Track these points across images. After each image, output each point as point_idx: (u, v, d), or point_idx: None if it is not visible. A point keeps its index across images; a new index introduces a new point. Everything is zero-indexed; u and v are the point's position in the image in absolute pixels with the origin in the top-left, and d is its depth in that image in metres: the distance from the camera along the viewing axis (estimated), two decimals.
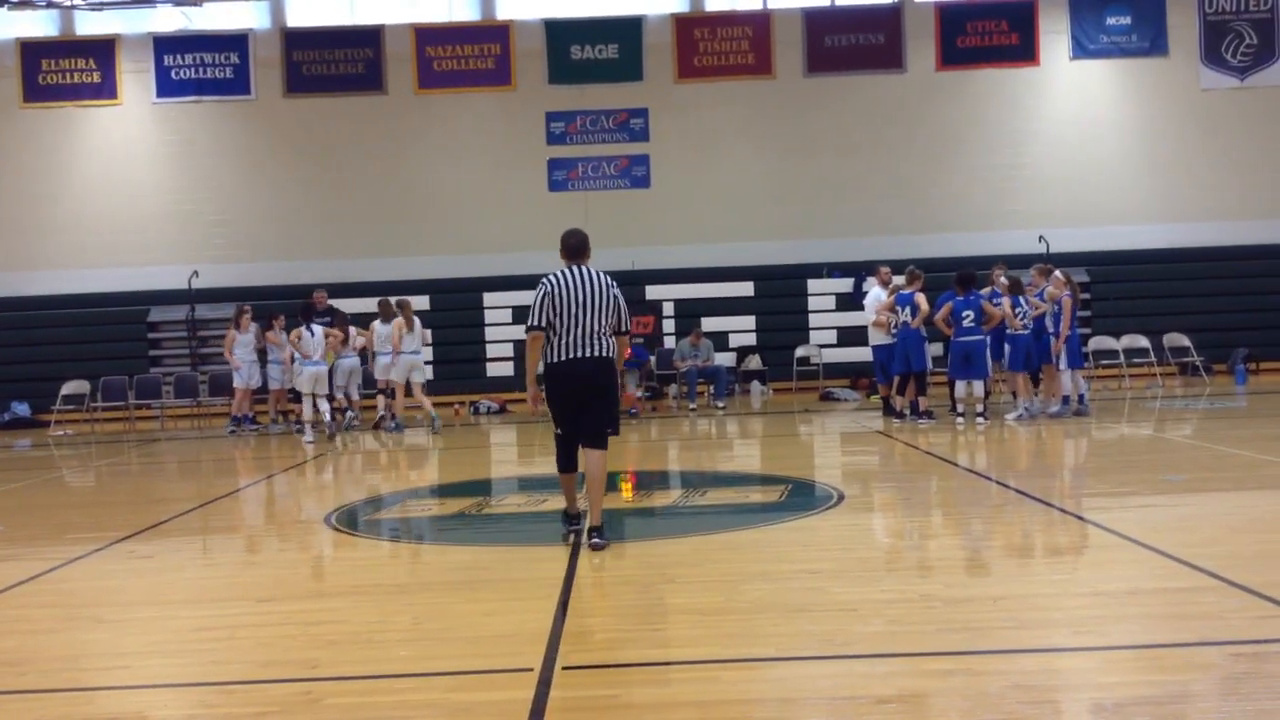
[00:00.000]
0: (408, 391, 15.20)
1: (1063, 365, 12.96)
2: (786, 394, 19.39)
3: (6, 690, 4.19)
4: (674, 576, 5.69)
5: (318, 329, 14.39)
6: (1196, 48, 21.00)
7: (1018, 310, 12.89)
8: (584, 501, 6.76)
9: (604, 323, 6.64)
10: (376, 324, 15.15)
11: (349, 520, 7.93)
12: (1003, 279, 13.44)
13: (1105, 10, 20.97)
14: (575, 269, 6.72)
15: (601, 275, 6.73)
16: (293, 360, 14.77)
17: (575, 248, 6.82)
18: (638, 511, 8.13)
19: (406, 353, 14.97)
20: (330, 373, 14.93)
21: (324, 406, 14.39)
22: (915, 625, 4.53)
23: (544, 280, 6.68)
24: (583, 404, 6.65)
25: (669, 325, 20.19)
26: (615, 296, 6.71)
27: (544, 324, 6.61)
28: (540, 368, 6.78)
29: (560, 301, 6.58)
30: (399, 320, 15.00)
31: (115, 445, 15.42)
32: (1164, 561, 5.48)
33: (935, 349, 13.95)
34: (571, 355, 6.59)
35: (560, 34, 20.97)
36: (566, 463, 6.89)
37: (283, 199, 21.05)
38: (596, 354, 6.62)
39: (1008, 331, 12.98)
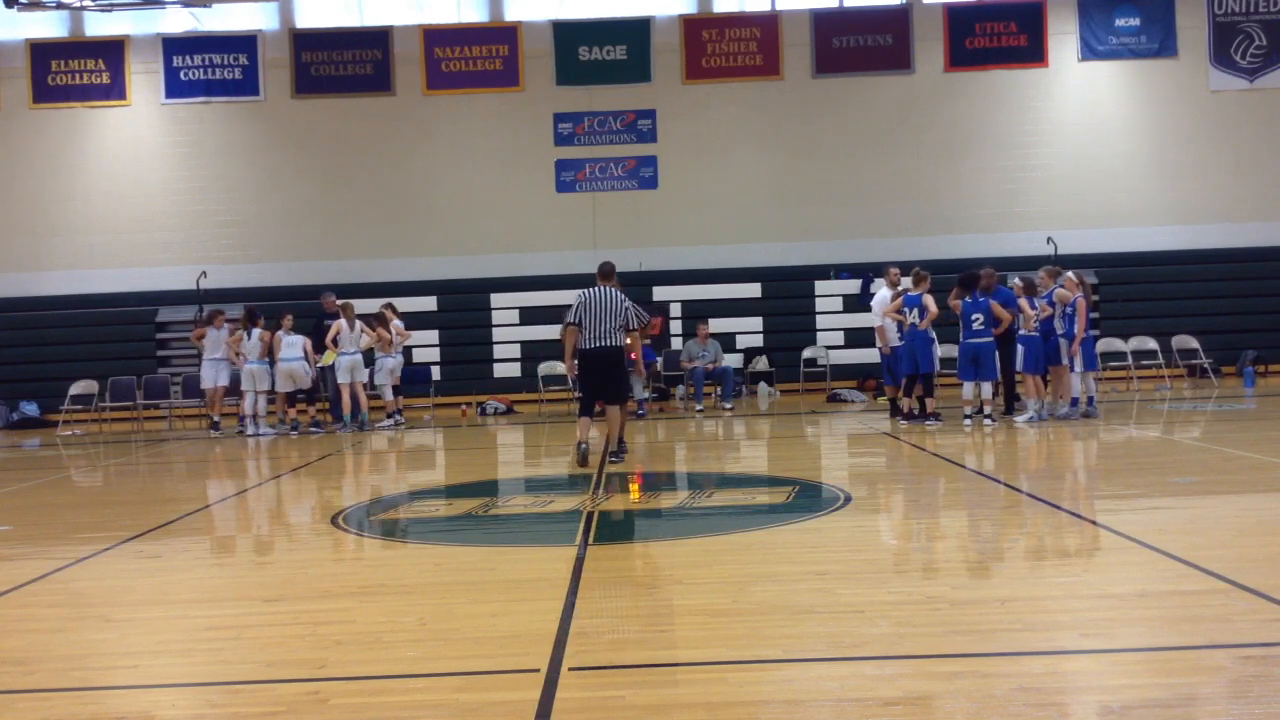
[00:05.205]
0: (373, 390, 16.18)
1: (1078, 367, 12.93)
2: (793, 395, 19.38)
3: (14, 689, 4.20)
4: (681, 578, 5.69)
5: (255, 332, 15.43)
6: (1206, 49, 20.96)
7: (1033, 311, 12.87)
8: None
9: (615, 324, 10.11)
10: (342, 324, 15.65)
11: (356, 520, 7.95)
12: (1017, 280, 13.41)
13: (1114, 11, 20.93)
14: (600, 288, 10.20)
15: (615, 292, 10.22)
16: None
17: (605, 273, 10.37)
18: (645, 512, 8.13)
19: (347, 353, 15.46)
20: (330, 370, 15.83)
21: (262, 404, 15.51)
22: (922, 627, 4.52)
23: (580, 294, 10.27)
24: (599, 376, 10.21)
25: (676, 326, 20.18)
26: (627, 309, 10.17)
27: (577, 321, 10.14)
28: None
29: (587, 309, 10.12)
30: (339, 322, 15.60)
31: (123, 445, 15.46)
32: (1172, 564, 5.46)
33: (944, 350, 13.93)
34: (593, 345, 10.12)
35: (568, 35, 20.99)
36: (585, 411, 10.43)
37: (291, 200, 21.10)
38: (609, 344, 10.13)
39: (1020, 333, 12.95)
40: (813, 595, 5.10)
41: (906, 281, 13.62)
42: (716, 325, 18.77)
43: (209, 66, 21.01)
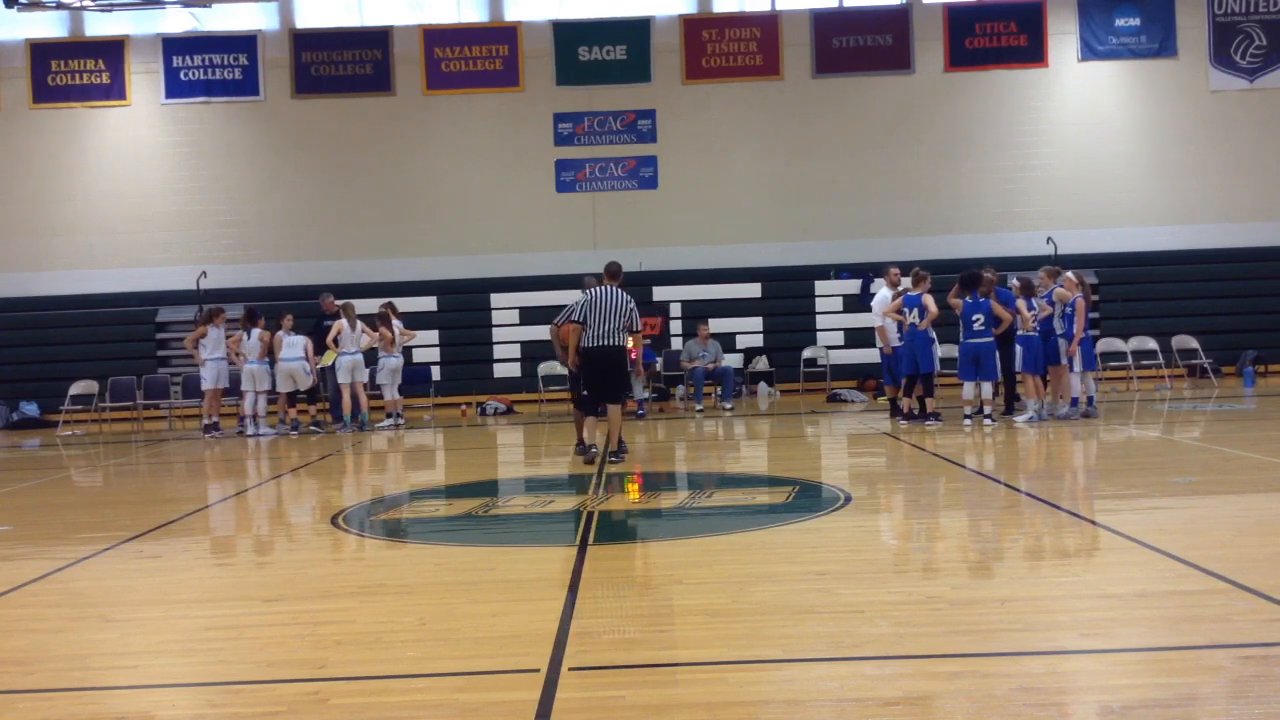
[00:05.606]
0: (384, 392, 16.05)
1: (1077, 367, 12.94)
2: (793, 395, 19.38)
3: (14, 689, 4.20)
4: (681, 578, 5.69)
5: (255, 331, 15.43)
6: (1206, 49, 20.96)
7: (1030, 312, 12.87)
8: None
9: (619, 324, 10.16)
10: (344, 324, 15.64)
11: (356, 520, 7.95)
12: (1014, 281, 13.43)
13: (1114, 11, 20.94)
14: (606, 287, 10.28)
15: (621, 292, 10.25)
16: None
17: (613, 273, 10.44)
18: (645, 512, 8.13)
19: (347, 353, 15.45)
20: (328, 371, 15.85)
21: (262, 404, 15.50)
22: (922, 627, 4.52)
23: (587, 292, 10.45)
24: (602, 374, 10.23)
25: (676, 326, 20.19)
26: (631, 310, 10.23)
27: (582, 320, 10.21)
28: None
29: (593, 307, 10.18)
30: (341, 321, 15.58)
31: (123, 445, 15.46)
32: (1172, 564, 5.46)
33: (944, 350, 13.96)
34: (597, 343, 10.18)
35: (568, 35, 20.99)
36: (589, 409, 10.55)
37: (291, 200, 21.10)
38: (613, 343, 10.20)
39: (1019, 333, 12.96)
40: (813, 595, 5.10)
41: (906, 281, 13.62)
42: (716, 325, 18.78)
43: (209, 66, 21.01)
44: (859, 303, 19.41)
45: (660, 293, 20.25)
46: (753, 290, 20.60)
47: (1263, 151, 20.80)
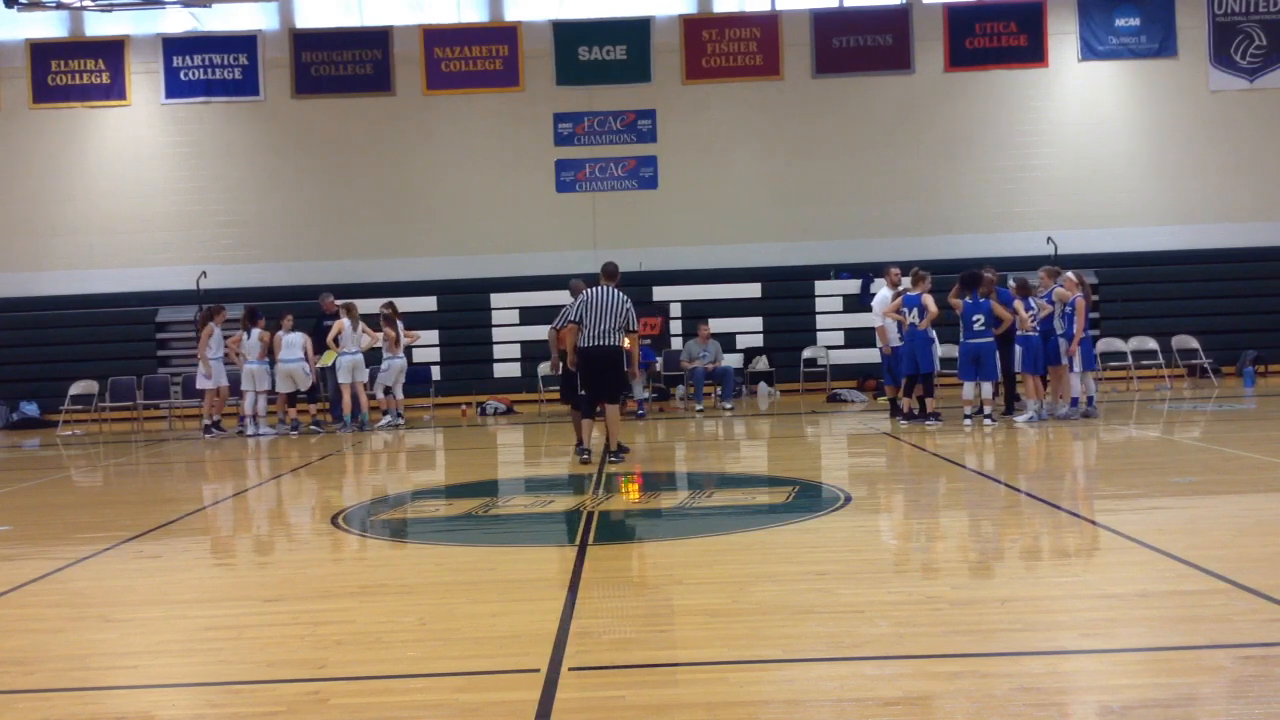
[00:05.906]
0: (376, 391, 16.09)
1: (1077, 367, 12.94)
2: (793, 395, 19.38)
3: (14, 689, 4.20)
4: (681, 578, 5.69)
5: (255, 331, 15.42)
6: (1206, 49, 20.96)
7: (1029, 312, 12.88)
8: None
9: (615, 324, 10.22)
10: (345, 324, 15.65)
11: (356, 520, 7.95)
12: (1011, 281, 13.44)
13: (1114, 11, 20.93)
14: (603, 288, 10.36)
15: (618, 293, 10.34)
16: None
17: (610, 273, 10.52)
18: (645, 512, 8.13)
19: (348, 353, 15.43)
20: (331, 370, 15.83)
21: (262, 404, 15.50)
22: (922, 627, 4.52)
23: (583, 292, 10.51)
24: (599, 374, 10.29)
25: (676, 326, 20.19)
26: (628, 310, 10.31)
27: (579, 320, 10.29)
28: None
29: (589, 307, 10.26)
30: (342, 321, 15.60)
31: (123, 445, 15.45)
32: (1172, 564, 5.46)
33: (944, 350, 13.96)
34: (593, 343, 10.24)
35: (568, 35, 20.99)
36: (586, 412, 10.72)
37: (291, 200, 21.10)
38: (609, 343, 10.25)
39: (1019, 333, 12.97)
40: (812, 595, 5.10)
41: (906, 281, 13.62)
42: (716, 325, 18.77)
43: (209, 66, 21.00)
44: (859, 303, 19.41)
45: (660, 293, 20.25)
46: (753, 290, 20.60)
47: (1263, 151, 20.80)
